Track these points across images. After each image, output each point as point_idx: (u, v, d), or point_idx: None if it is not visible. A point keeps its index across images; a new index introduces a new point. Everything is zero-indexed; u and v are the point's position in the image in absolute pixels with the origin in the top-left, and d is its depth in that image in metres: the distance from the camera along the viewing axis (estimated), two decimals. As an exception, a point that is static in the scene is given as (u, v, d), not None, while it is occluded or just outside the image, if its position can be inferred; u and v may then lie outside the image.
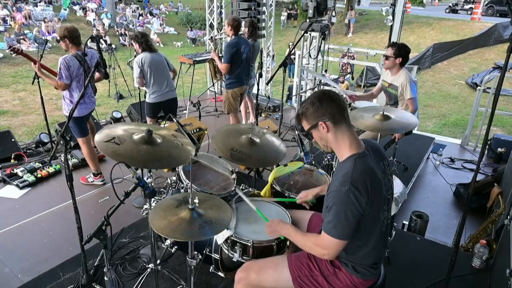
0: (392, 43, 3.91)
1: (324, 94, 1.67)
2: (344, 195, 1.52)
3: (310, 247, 1.71)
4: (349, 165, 1.59)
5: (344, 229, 1.55)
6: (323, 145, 1.74)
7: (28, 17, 16.64)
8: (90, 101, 3.79)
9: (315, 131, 1.69)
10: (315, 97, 1.68)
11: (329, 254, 1.62)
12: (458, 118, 8.73)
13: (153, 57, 3.95)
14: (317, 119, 1.65)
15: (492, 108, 1.99)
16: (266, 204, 2.24)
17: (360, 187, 1.53)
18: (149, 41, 3.97)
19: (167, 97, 4.13)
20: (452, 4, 26.95)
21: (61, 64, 3.41)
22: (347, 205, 1.52)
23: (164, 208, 1.87)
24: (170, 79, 4.17)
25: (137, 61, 3.91)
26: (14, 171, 4.11)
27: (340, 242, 1.57)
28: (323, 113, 1.64)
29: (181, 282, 2.52)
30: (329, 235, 1.57)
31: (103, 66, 2.27)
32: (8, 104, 8.43)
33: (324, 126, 1.64)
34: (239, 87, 4.75)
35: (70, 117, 2.26)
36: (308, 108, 1.67)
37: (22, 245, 3.10)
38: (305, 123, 1.71)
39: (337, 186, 1.56)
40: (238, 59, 4.55)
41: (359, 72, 11.41)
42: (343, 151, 1.66)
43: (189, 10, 23.92)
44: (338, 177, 1.60)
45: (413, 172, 4.42)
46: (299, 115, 1.73)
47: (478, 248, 2.79)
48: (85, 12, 19.00)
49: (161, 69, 4.03)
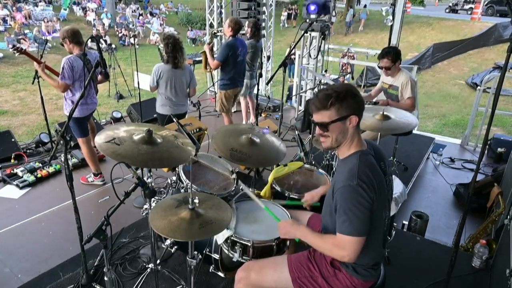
0: (383, 53, 3.74)
1: (355, 88, 1.63)
2: (353, 189, 1.50)
3: (328, 249, 1.65)
4: (354, 161, 1.59)
5: (360, 224, 1.51)
6: (336, 139, 1.63)
7: (28, 17, 16.64)
8: (92, 102, 3.78)
9: (339, 123, 1.59)
10: (352, 88, 1.60)
11: (349, 255, 1.55)
12: (458, 118, 8.73)
13: (174, 73, 3.70)
14: (350, 112, 1.58)
15: (492, 108, 1.99)
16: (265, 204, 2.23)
17: (367, 181, 1.53)
18: (177, 58, 3.61)
19: (178, 112, 3.90)
20: (452, 4, 26.96)
21: (65, 64, 3.38)
22: (358, 199, 1.50)
23: (164, 208, 1.87)
24: (184, 96, 3.94)
25: (155, 70, 3.66)
26: (14, 171, 4.10)
27: (358, 240, 1.53)
28: (357, 107, 1.60)
29: (181, 282, 2.52)
30: (346, 235, 1.53)
31: (103, 66, 2.27)
32: (8, 104, 8.43)
33: (353, 120, 1.59)
34: (233, 88, 4.73)
35: (70, 117, 2.26)
36: (345, 98, 1.56)
37: (22, 245, 3.10)
38: (334, 112, 1.58)
39: (344, 182, 1.53)
40: (233, 61, 4.51)
41: (359, 72, 11.40)
42: (350, 148, 1.65)
43: (189, 10, 23.91)
44: (343, 174, 1.58)
45: (413, 172, 4.42)
46: (332, 102, 1.56)
47: (478, 248, 2.79)
48: (85, 12, 18.99)
49: (179, 85, 3.80)
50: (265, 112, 6.52)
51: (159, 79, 3.69)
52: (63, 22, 16.90)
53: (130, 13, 20.45)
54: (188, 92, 3.99)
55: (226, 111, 4.91)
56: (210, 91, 7.52)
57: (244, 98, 5.48)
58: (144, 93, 4.15)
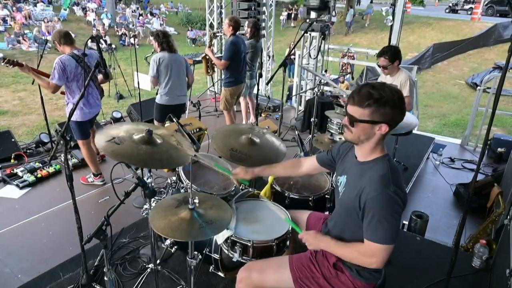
0: (380, 52, 3.75)
1: (404, 99, 1.52)
2: (390, 197, 1.47)
3: (355, 258, 1.62)
4: (384, 167, 1.55)
5: (393, 232, 1.49)
6: (358, 137, 1.57)
7: (28, 17, 16.63)
8: (95, 104, 3.70)
9: (368, 125, 1.51)
10: (398, 98, 1.48)
11: (377, 262, 1.53)
12: (458, 118, 8.73)
13: (172, 57, 3.90)
14: (384, 120, 1.50)
15: (493, 108, 1.99)
16: (264, 204, 2.24)
17: (401, 186, 1.52)
18: (170, 42, 3.91)
19: (178, 101, 4.08)
20: (452, 4, 26.95)
21: (56, 64, 3.32)
22: (395, 208, 1.48)
23: (164, 208, 1.87)
24: (184, 84, 4.11)
25: (154, 59, 3.85)
26: (14, 171, 4.10)
27: (390, 247, 1.50)
28: (394, 119, 1.51)
29: (181, 282, 2.52)
30: (379, 243, 1.50)
31: (103, 66, 2.27)
32: (8, 104, 8.43)
33: (383, 129, 1.51)
34: (237, 85, 4.78)
35: (70, 117, 2.25)
36: (386, 105, 1.47)
37: (22, 245, 3.10)
38: (367, 113, 1.49)
39: (380, 190, 1.48)
40: (238, 58, 4.57)
41: (359, 72, 11.39)
42: (374, 152, 1.60)
43: (189, 10, 23.91)
44: (373, 179, 1.52)
45: (413, 172, 4.42)
46: (369, 104, 1.48)
47: (478, 248, 2.79)
48: (85, 12, 18.99)
49: (178, 71, 3.97)
50: (265, 112, 6.52)
51: (159, 65, 3.83)
52: (63, 22, 16.90)
53: (130, 13, 20.45)
54: (187, 81, 4.14)
55: (228, 109, 4.96)
56: (210, 91, 7.52)
57: (244, 98, 5.48)
58: (144, 93, 4.16)
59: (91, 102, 3.65)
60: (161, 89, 4.00)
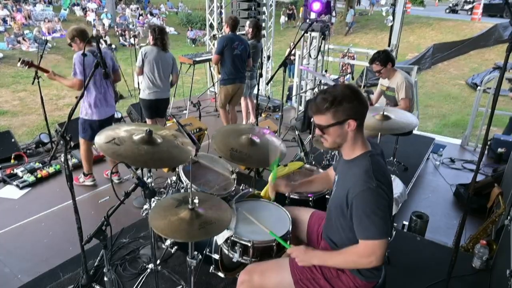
0: (371, 59, 3.81)
1: (357, 90, 1.56)
2: (374, 191, 1.49)
3: (353, 261, 1.60)
4: (366, 162, 1.57)
5: (384, 226, 1.49)
6: (334, 142, 1.62)
7: (28, 17, 16.64)
8: (108, 104, 3.63)
9: (337, 127, 1.56)
10: (351, 92, 1.54)
11: (376, 259, 1.53)
12: (458, 118, 8.73)
13: (160, 54, 3.97)
14: (347, 116, 1.54)
15: (492, 108, 1.99)
16: (265, 204, 2.24)
17: (384, 181, 1.53)
18: (164, 40, 3.97)
19: (161, 96, 4.16)
20: (452, 4, 26.96)
21: (75, 59, 3.30)
22: (380, 201, 1.50)
23: (164, 208, 1.87)
24: (168, 81, 4.19)
25: (142, 51, 3.95)
26: (14, 171, 4.10)
27: (384, 242, 1.51)
28: (356, 111, 1.55)
29: (181, 282, 2.52)
30: (373, 239, 1.51)
31: (103, 66, 2.27)
32: (8, 104, 8.43)
33: (351, 124, 1.55)
34: (232, 84, 4.79)
35: (70, 116, 2.24)
36: (341, 103, 1.52)
37: (22, 245, 3.10)
38: (330, 117, 1.55)
39: (363, 186, 1.50)
40: (230, 55, 4.58)
41: (359, 72, 11.38)
42: (355, 149, 1.63)
43: (189, 10, 23.91)
44: (357, 176, 1.54)
45: (413, 172, 4.41)
46: (327, 107, 1.53)
47: (478, 249, 2.79)
48: (85, 12, 19.00)
49: (163, 69, 4.04)
50: (265, 112, 6.52)
51: (144, 58, 3.92)
52: (63, 23, 16.90)
53: (130, 13, 20.45)
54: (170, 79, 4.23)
55: (223, 106, 4.99)
56: (210, 91, 7.52)
57: (244, 99, 5.49)
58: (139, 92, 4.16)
59: (108, 100, 3.61)
60: (145, 83, 4.06)
